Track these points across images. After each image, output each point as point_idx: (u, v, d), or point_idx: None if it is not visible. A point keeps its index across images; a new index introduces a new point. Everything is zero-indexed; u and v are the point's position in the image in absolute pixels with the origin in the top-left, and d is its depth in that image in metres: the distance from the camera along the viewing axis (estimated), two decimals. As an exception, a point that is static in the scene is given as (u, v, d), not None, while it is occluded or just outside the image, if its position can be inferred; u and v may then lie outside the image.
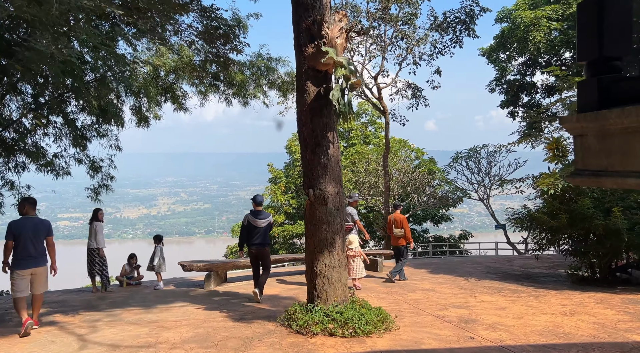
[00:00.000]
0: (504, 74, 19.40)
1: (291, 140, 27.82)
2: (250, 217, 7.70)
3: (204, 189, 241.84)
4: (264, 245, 7.70)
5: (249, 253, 7.80)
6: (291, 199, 26.37)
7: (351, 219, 9.54)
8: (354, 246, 9.00)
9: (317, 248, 5.99)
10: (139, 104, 10.35)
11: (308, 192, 5.97)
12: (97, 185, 10.40)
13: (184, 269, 9.00)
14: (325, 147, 5.92)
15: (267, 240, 7.80)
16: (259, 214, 7.72)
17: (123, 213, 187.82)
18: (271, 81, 11.91)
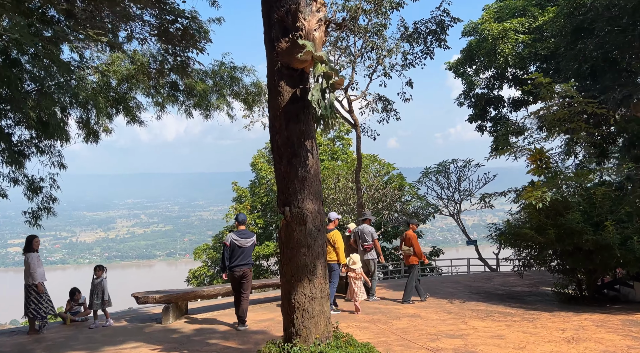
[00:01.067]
0: (472, 87, 19.30)
1: (256, 157, 26.85)
2: (234, 236, 7.39)
3: (165, 211, 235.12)
4: (248, 265, 7.44)
5: (230, 275, 7.38)
6: (257, 218, 25.27)
7: (371, 238, 9.44)
8: (358, 267, 8.36)
9: (295, 276, 5.10)
10: (86, 116, 9.23)
11: (283, 210, 5.10)
12: (37, 208, 9.11)
13: (138, 301, 7.85)
14: (303, 157, 5.09)
15: (251, 261, 7.55)
16: (243, 234, 7.48)
17: (79, 237, 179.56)
18: (235, 92, 11.05)
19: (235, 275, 7.34)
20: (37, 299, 7.56)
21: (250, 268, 7.51)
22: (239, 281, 7.38)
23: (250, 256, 7.52)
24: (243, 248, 7.38)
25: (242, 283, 7.38)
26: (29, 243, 7.66)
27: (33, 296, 7.52)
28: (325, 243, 5.36)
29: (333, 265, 8.40)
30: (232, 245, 7.35)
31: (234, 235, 7.44)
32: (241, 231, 7.52)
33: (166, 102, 9.92)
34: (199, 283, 25.92)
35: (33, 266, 7.52)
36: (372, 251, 9.52)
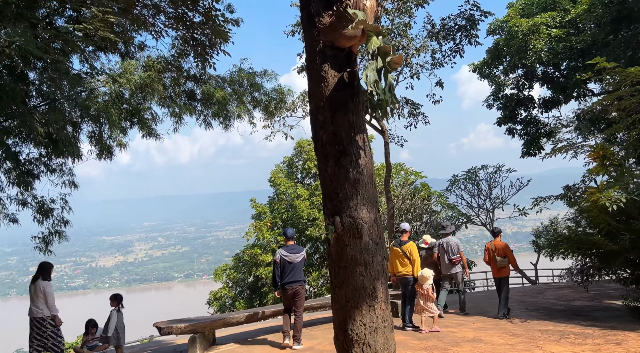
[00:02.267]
0: (501, 88, 18.32)
1: (274, 172, 26.03)
2: (284, 252, 7.26)
3: (181, 232, 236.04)
4: (300, 282, 7.26)
5: (283, 293, 7.26)
6: (278, 236, 24.30)
7: (457, 251, 9.17)
8: (428, 283, 7.70)
9: (351, 301, 4.16)
10: (99, 131, 8.50)
11: (333, 221, 4.19)
12: (48, 232, 8.34)
13: (161, 333, 6.97)
14: (354, 155, 4.20)
15: (303, 276, 7.36)
16: (293, 249, 7.34)
17: (99, 261, 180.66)
18: (256, 99, 10.26)
19: (287, 292, 7.20)
20: (55, 333, 6.75)
21: (303, 285, 7.29)
22: (292, 298, 7.22)
23: (301, 272, 7.31)
24: (294, 264, 7.20)
25: (295, 301, 7.21)
26: (47, 270, 6.88)
27: (50, 330, 6.70)
28: (384, 260, 4.42)
29: (409, 278, 8.05)
30: (283, 261, 7.19)
31: (283, 250, 7.30)
32: (290, 246, 7.38)
33: (183, 112, 9.16)
34: (221, 306, 24.97)
35: (53, 296, 6.74)
36: (459, 265, 9.23)
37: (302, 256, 7.36)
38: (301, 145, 25.72)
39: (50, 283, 6.84)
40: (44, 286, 6.67)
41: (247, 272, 24.68)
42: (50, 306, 6.66)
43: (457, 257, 9.14)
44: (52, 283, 6.98)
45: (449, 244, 9.24)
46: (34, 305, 6.63)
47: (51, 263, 6.90)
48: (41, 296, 6.62)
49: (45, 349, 6.61)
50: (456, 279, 9.25)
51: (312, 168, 25.21)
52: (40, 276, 6.75)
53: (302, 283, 7.27)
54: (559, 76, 17.49)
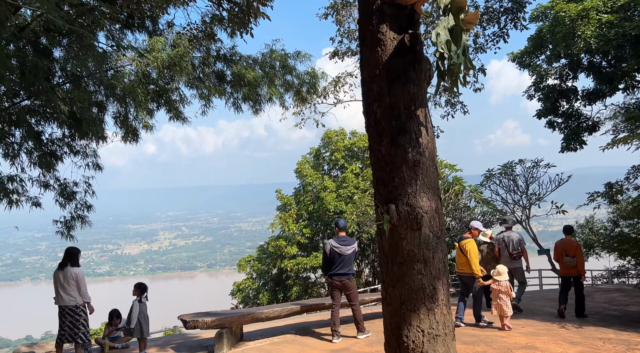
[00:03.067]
0: (544, 78, 17.27)
1: (301, 163, 25.52)
2: (334, 243, 7.06)
3: (205, 223, 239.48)
4: (349, 275, 7.04)
5: (331, 285, 7.15)
6: (304, 228, 23.85)
7: (518, 245, 8.86)
8: (504, 279, 7.31)
9: (407, 303, 3.56)
10: (124, 111, 8.09)
11: (387, 209, 3.59)
12: (70, 217, 8.00)
13: (187, 326, 6.53)
14: (414, 133, 3.58)
15: (353, 269, 7.14)
16: (344, 241, 7.11)
17: (124, 249, 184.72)
18: (288, 82, 9.70)
19: (334, 284, 7.04)
20: (86, 321, 6.41)
21: (351, 279, 7.05)
22: (340, 292, 7.07)
23: (351, 265, 7.09)
24: (343, 256, 6.99)
25: (347, 294, 7.07)
26: (75, 256, 6.50)
27: (83, 318, 6.36)
28: (446, 256, 3.81)
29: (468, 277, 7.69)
30: (332, 252, 7.02)
31: (333, 241, 7.10)
32: (341, 237, 7.16)
33: (212, 94, 8.67)
34: (244, 297, 24.74)
35: (85, 283, 6.40)
36: (520, 260, 8.97)
37: (352, 249, 7.07)
38: (329, 136, 25.12)
39: (81, 269, 6.47)
40: (76, 274, 6.32)
41: (272, 264, 24.35)
42: (84, 294, 6.33)
43: (518, 252, 8.86)
44: None
45: (510, 238, 9.02)
46: (66, 293, 6.27)
47: (78, 249, 6.53)
48: (73, 284, 6.27)
49: (74, 338, 6.25)
50: (516, 274, 8.96)
51: (339, 159, 24.61)
52: (68, 262, 6.38)
53: (351, 276, 7.03)
54: (606, 66, 16.36)
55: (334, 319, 7.00)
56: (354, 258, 7.14)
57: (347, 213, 20.74)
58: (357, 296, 7.19)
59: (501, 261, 8.85)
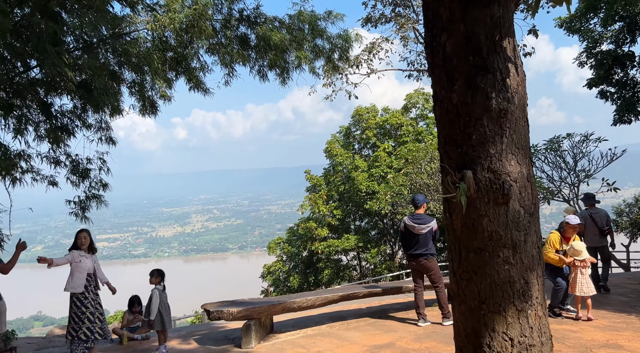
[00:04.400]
0: (598, 43, 15.66)
1: (330, 142, 24.59)
2: (408, 221, 6.61)
3: (235, 205, 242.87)
4: (426, 255, 6.50)
5: (409, 266, 6.92)
6: (334, 209, 23.07)
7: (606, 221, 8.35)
8: (584, 255, 6.49)
9: (488, 302, 2.67)
10: (140, 80, 7.35)
11: (462, 177, 2.67)
12: (84, 196, 7.39)
13: (210, 317, 5.85)
14: (499, 72, 2.63)
15: (432, 249, 6.57)
16: (419, 218, 6.56)
17: (158, 231, 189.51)
18: (318, 47, 8.75)
19: (413, 265, 6.68)
20: (77, 316, 5.75)
21: (430, 259, 6.51)
22: (420, 274, 6.65)
23: (428, 245, 6.52)
24: (418, 236, 6.47)
25: (429, 276, 6.58)
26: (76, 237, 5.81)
27: (74, 311, 5.71)
28: (540, 239, 2.88)
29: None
30: (406, 231, 6.61)
31: (408, 219, 6.64)
32: (417, 215, 6.62)
33: (235, 60, 7.82)
34: (275, 280, 24.31)
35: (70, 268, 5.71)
36: (607, 237, 8.51)
37: (429, 227, 6.49)
38: (359, 113, 24.05)
39: (73, 253, 5.70)
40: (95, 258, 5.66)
41: (302, 246, 23.76)
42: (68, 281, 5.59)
43: (609, 228, 8.39)
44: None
45: (599, 214, 8.42)
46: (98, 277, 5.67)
47: (83, 228, 5.81)
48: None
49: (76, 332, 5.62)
50: (603, 253, 8.48)
51: (370, 137, 23.54)
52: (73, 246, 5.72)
53: (429, 256, 6.50)
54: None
55: (417, 302, 6.55)
56: (433, 237, 6.55)
57: (380, 194, 19.79)
58: (441, 277, 6.59)
59: (588, 239, 8.13)
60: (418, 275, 6.65)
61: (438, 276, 6.56)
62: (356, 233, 23.40)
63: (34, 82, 6.47)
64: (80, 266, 5.66)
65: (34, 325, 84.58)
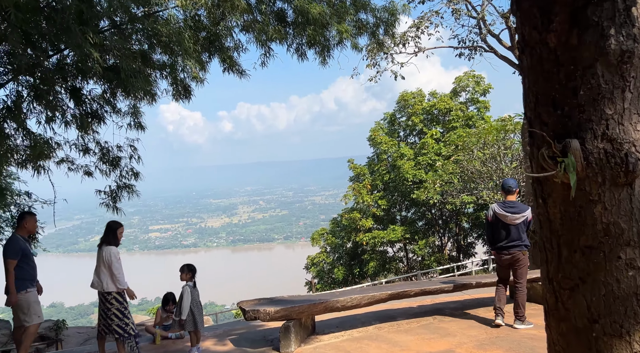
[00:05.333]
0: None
1: (374, 130, 23.73)
2: (497, 209, 5.85)
3: (280, 197, 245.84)
4: (520, 246, 5.75)
5: (497, 258, 6.05)
6: (379, 199, 22.28)
7: None
8: None
9: (603, 320, 1.93)
10: (171, 61, 6.93)
11: (564, 149, 1.92)
12: (115, 186, 7.08)
13: (246, 316, 5.35)
14: (619, 1, 1.87)
15: (526, 240, 5.83)
16: (511, 206, 5.80)
17: (207, 222, 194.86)
18: (361, 22, 8.02)
19: (502, 258, 5.88)
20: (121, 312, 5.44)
21: (524, 251, 5.78)
22: (508, 268, 5.92)
23: (521, 235, 5.76)
24: (510, 226, 5.73)
25: (515, 269, 5.84)
26: (113, 232, 5.44)
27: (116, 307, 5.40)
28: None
29: None
30: (495, 220, 5.85)
31: (497, 207, 5.88)
32: (509, 202, 5.87)
33: (272, 37, 7.23)
34: (319, 271, 23.91)
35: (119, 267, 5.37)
36: None
37: (523, 217, 5.72)
38: (405, 98, 23.02)
39: (117, 249, 5.42)
40: (110, 255, 5.27)
41: (346, 238, 23.18)
42: (117, 280, 5.26)
43: None
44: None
45: None
46: (97, 276, 5.30)
47: (118, 223, 5.46)
48: (105, 267, 5.24)
49: (109, 330, 5.30)
50: None
51: (417, 124, 22.48)
52: (105, 240, 5.36)
53: (523, 248, 5.77)
54: None
55: (498, 295, 5.90)
56: (527, 228, 5.84)
57: (428, 183, 18.82)
58: (526, 274, 5.93)
59: None
60: (505, 269, 5.98)
61: (524, 273, 5.86)
62: (402, 224, 22.53)
63: (62, 66, 6.15)
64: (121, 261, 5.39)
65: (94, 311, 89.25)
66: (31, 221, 5.40)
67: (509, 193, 5.95)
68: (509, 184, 5.98)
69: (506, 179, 6.16)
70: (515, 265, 5.83)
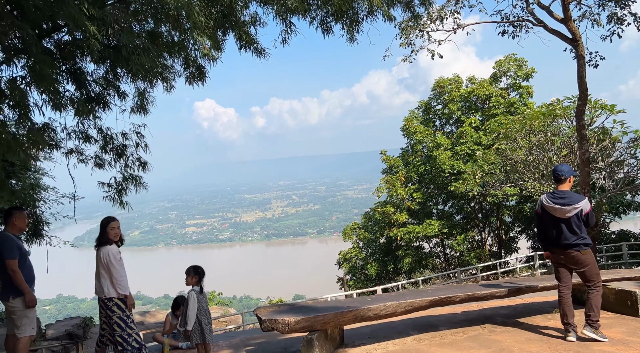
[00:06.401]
0: None
1: (408, 119, 22.56)
2: (546, 201, 4.91)
3: (313, 191, 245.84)
4: (578, 246, 4.75)
5: (552, 259, 5.08)
6: (414, 192, 21.17)
7: None
8: None
9: None
10: (181, 38, 6.22)
11: None
12: (121, 178, 6.44)
13: (262, 327, 4.58)
14: None
15: (586, 238, 4.78)
16: (562, 197, 4.81)
17: (242, 217, 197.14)
18: (394, -9, 7.06)
19: (556, 259, 4.96)
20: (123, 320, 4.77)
21: (583, 251, 4.75)
22: (568, 269, 4.93)
23: (579, 232, 4.72)
24: (561, 220, 4.75)
25: (580, 272, 4.84)
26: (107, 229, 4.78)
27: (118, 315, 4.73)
28: None
29: None
30: (543, 213, 4.93)
31: (545, 197, 4.93)
32: (559, 192, 4.86)
33: (293, 8, 6.40)
34: (351, 267, 23.06)
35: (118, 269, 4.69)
36: None
37: (577, 209, 4.68)
38: (441, 85, 21.71)
39: (117, 249, 4.73)
40: (108, 255, 4.62)
41: (379, 232, 22.20)
42: (116, 284, 4.60)
43: None
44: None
45: None
46: (97, 280, 4.66)
47: (111, 217, 4.79)
48: (103, 269, 4.58)
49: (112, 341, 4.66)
50: None
51: (454, 112, 21.18)
52: (100, 239, 4.69)
53: (581, 247, 4.74)
54: None
55: (564, 308, 4.87)
56: (586, 222, 4.77)
57: (468, 174, 17.61)
58: (598, 274, 4.88)
59: None
60: (564, 271, 4.97)
61: (594, 273, 4.85)
62: (439, 218, 21.36)
63: (61, 45, 5.53)
64: (122, 262, 4.71)
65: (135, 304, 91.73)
66: (20, 218, 4.81)
67: (559, 181, 4.95)
68: (559, 170, 4.96)
69: (558, 165, 5.17)
70: (577, 267, 4.85)
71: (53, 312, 76.53)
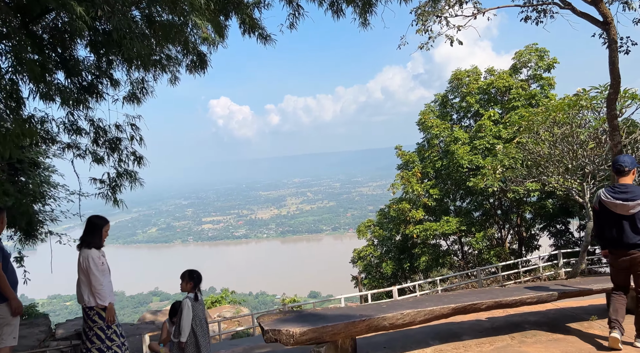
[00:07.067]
0: None
1: (424, 113, 21.85)
2: (605, 196, 4.35)
3: (327, 188, 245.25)
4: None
5: (610, 260, 4.52)
6: (430, 188, 20.51)
7: None
8: None
9: None
10: (179, 22, 5.77)
11: None
12: (115, 174, 6.02)
13: (265, 338, 4.10)
14: None
15: None
16: (624, 191, 4.23)
17: (257, 214, 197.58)
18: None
19: (617, 260, 4.38)
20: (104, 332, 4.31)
21: None
22: (626, 272, 4.39)
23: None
24: (623, 217, 4.20)
25: (637, 275, 4.28)
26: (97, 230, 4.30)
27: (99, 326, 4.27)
28: None
29: None
30: (602, 208, 4.39)
31: (604, 192, 4.40)
32: (620, 186, 4.31)
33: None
34: (366, 265, 22.50)
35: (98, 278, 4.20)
36: None
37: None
38: (458, 77, 20.96)
39: (99, 253, 4.26)
40: (89, 260, 4.17)
41: (394, 230, 21.59)
42: (96, 292, 4.15)
43: None
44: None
45: None
46: (78, 287, 4.22)
47: (102, 218, 4.33)
48: (83, 275, 4.13)
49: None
50: None
51: (472, 104, 20.42)
52: (84, 241, 4.25)
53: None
54: None
55: (615, 305, 4.37)
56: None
57: (487, 169, 16.90)
58: None
59: None
60: (622, 275, 4.46)
61: None
62: (457, 215, 20.66)
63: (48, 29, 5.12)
64: (106, 268, 4.27)
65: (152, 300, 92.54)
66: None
67: (620, 174, 4.37)
68: (621, 161, 4.38)
69: (619, 156, 4.59)
70: (635, 269, 4.27)
71: (74, 308, 77.44)
